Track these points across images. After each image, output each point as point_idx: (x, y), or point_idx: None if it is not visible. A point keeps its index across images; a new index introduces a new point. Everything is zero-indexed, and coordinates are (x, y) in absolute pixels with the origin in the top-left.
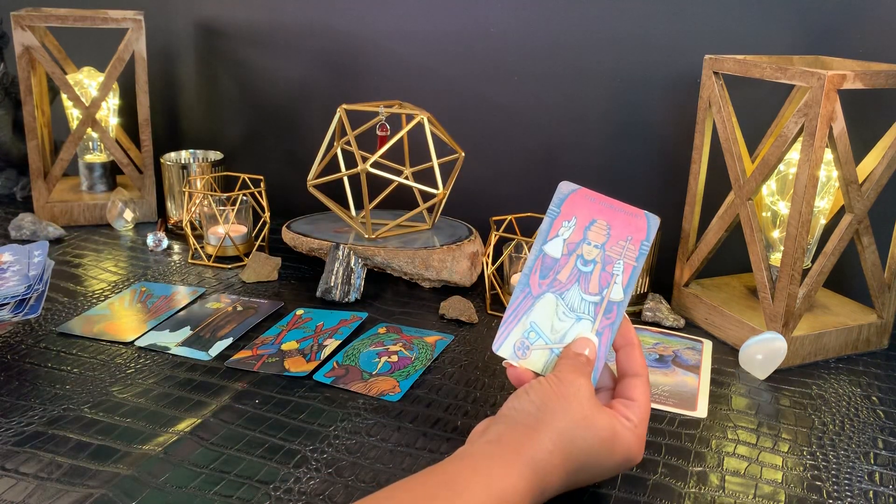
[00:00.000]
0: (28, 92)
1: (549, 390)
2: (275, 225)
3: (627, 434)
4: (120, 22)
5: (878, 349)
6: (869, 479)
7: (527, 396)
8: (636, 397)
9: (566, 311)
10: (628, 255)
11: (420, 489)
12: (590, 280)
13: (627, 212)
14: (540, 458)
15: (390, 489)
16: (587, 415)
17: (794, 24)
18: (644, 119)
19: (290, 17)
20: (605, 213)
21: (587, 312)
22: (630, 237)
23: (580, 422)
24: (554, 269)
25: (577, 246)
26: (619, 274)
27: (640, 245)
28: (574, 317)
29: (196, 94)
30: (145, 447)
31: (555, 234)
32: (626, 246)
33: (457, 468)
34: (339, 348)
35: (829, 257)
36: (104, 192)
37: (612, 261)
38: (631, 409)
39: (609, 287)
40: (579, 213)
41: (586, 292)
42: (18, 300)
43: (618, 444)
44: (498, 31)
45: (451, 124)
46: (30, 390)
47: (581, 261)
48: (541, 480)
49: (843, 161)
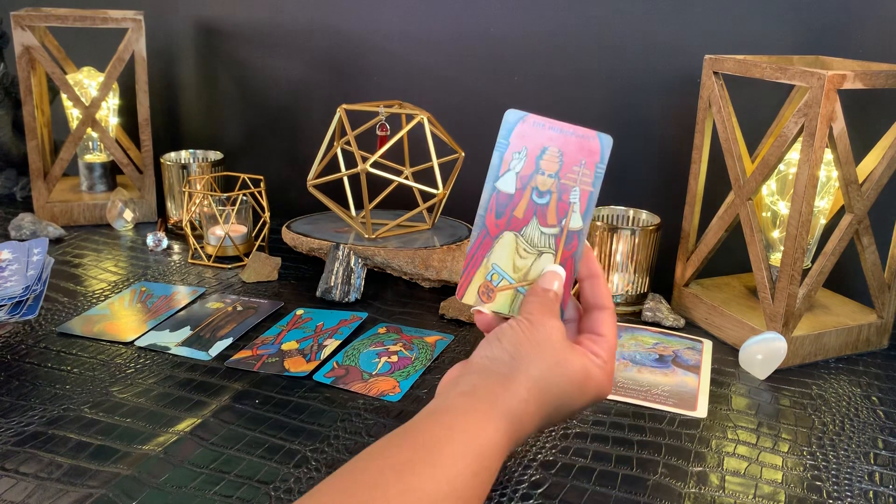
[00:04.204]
0: (28, 92)
1: (520, 335)
2: (275, 225)
3: (597, 371)
4: (120, 22)
5: (878, 349)
6: (869, 479)
7: (499, 343)
8: (604, 332)
9: (526, 247)
10: (584, 180)
11: (396, 453)
12: (547, 212)
13: (579, 134)
14: (515, 408)
15: (364, 456)
16: (559, 358)
17: (794, 24)
18: (644, 119)
19: (290, 17)
20: (556, 139)
21: (548, 246)
22: (584, 161)
23: (553, 366)
24: (509, 206)
25: (531, 178)
26: (576, 202)
27: (595, 168)
28: (535, 252)
29: (196, 94)
30: (145, 447)
31: (506, 169)
32: (580, 171)
33: (431, 426)
34: (339, 348)
35: (829, 257)
36: (104, 192)
37: (568, 189)
38: (599, 345)
39: (567, 216)
40: (529, 142)
41: (545, 225)
42: (16, 301)
43: (589, 383)
44: (498, 32)
45: (451, 124)
46: (30, 390)
47: (536, 193)
48: (516, 430)
49: (843, 161)
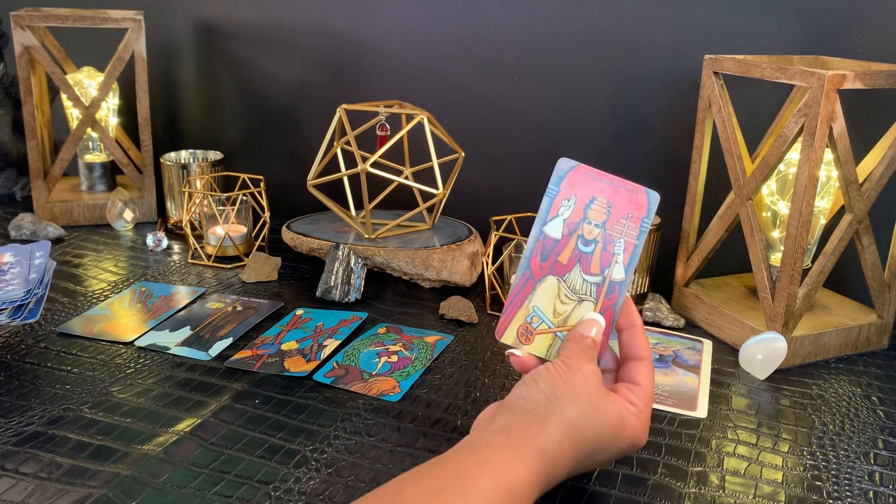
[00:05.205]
0: (28, 92)
1: (557, 378)
2: (275, 225)
3: (633, 420)
4: (120, 22)
5: (878, 349)
6: (869, 479)
7: (535, 385)
8: (641, 381)
9: (568, 293)
10: (629, 233)
11: (428, 482)
12: (591, 260)
13: (627, 188)
14: (549, 449)
15: (398, 482)
16: (595, 403)
17: (794, 24)
18: (644, 119)
19: (290, 17)
20: (605, 190)
21: (589, 294)
22: (630, 214)
23: (588, 410)
24: (555, 251)
25: (578, 226)
26: (620, 253)
27: (641, 223)
28: (576, 299)
29: (196, 94)
30: (145, 447)
31: (555, 215)
32: (626, 224)
33: (465, 459)
34: (339, 348)
35: (829, 257)
36: (104, 192)
37: (613, 240)
38: (636, 394)
39: (610, 267)
40: (579, 191)
41: (588, 273)
42: (17, 305)
43: (624, 431)
44: (498, 32)
45: (451, 124)
46: (30, 390)
47: (582, 241)
48: (549, 470)
49: (843, 161)
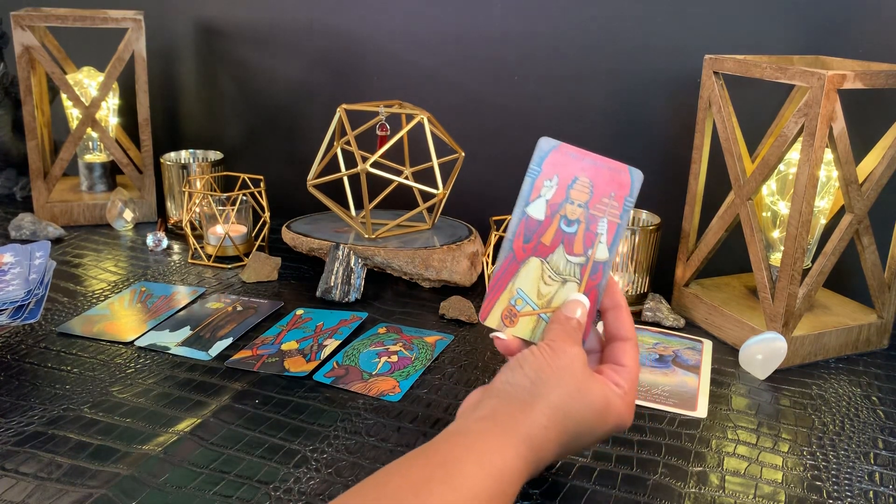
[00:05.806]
0: (28, 92)
1: (542, 362)
2: (275, 225)
3: (618, 401)
4: (120, 22)
5: (878, 349)
6: (869, 479)
7: (520, 369)
8: (626, 362)
9: (552, 274)
10: (612, 212)
11: (415, 471)
12: (574, 241)
13: (610, 167)
14: (535, 434)
15: (384, 473)
16: (580, 386)
17: (794, 24)
18: (644, 119)
19: (290, 17)
20: (588, 169)
21: (573, 275)
22: (613, 193)
23: (574, 394)
24: (537, 232)
25: (560, 206)
26: (603, 233)
27: (624, 201)
28: (560, 280)
29: (196, 94)
30: (145, 447)
31: (537, 195)
32: (609, 203)
33: (451, 447)
34: (339, 348)
35: (829, 257)
36: (104, 192)
37: (596, 219)
38: (621, 375)
39: (594, 247)
40: (561, 171)
41: (571, 254)
42: (17, 305)
43: (609, 413)
44: (498, 32)
45: (451, 124)
46: (30, 390)
47: (565, 221)
48: (535, 455)
49: (843, 161)
